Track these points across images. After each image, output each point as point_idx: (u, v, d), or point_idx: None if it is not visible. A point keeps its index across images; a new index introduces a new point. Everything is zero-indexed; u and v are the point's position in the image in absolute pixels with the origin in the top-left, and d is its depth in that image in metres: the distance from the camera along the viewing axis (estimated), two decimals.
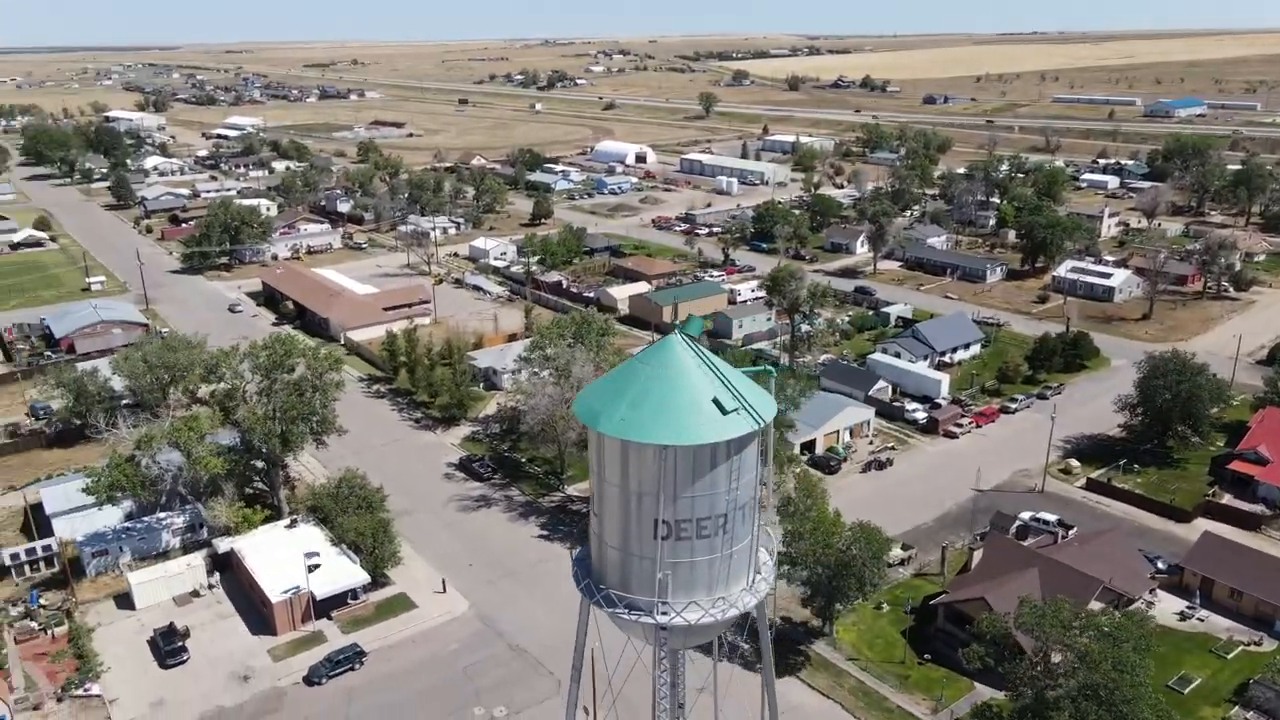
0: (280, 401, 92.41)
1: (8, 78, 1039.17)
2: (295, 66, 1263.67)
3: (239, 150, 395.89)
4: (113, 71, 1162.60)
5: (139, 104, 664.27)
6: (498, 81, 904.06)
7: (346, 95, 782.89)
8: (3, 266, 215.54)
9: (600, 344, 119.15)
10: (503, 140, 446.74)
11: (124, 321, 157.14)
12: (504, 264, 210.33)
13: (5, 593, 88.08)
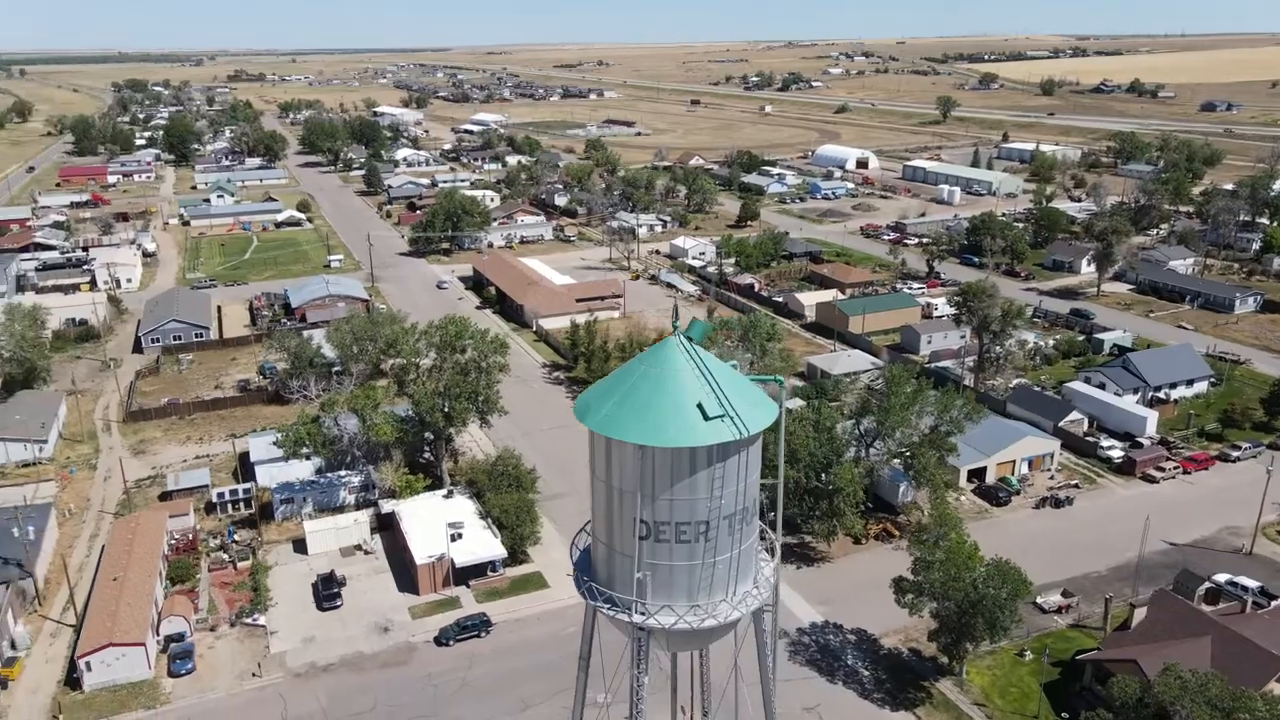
0: (448, 379, 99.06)
1: (304, 75, 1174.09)
2: (546, 67, 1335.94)
3: (479, 144, 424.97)
4: (388, 71, 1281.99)
5: (404, 100, 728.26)
6: (733, 83, 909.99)
7: (586, 95, 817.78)
8: (266, 242, 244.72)
9: (765, 348, 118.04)
10: (727, 141, 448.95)
11: (348, 296, 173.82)
12: (701, 263, 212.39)
13: (210, 525, 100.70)
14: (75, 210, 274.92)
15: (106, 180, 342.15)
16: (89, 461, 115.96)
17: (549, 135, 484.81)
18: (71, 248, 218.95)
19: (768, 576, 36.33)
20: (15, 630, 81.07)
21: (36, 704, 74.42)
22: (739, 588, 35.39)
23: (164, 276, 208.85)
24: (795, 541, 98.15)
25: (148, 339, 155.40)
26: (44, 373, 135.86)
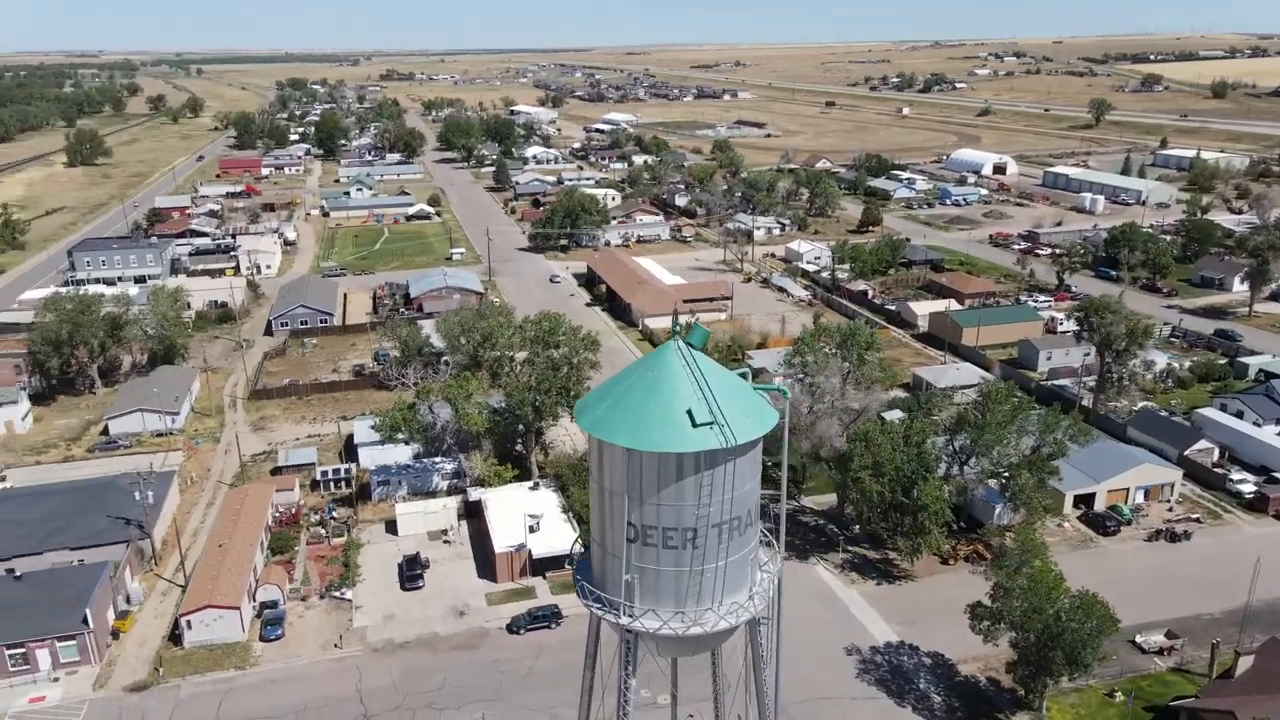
0: (538, 374, 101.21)
1: (450, 75, 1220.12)
2: (683, 67, 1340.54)
3: (607, 144, 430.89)
4: (529, 70, 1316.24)
5: (540, 100, 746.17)
6: (870, 84, 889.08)
7: (720, 95, 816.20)
8: (395, 234, 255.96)
9: (863, 357, 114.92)
10: (859, 144, 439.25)
11: (464, 289, 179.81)
12: (815, 268, 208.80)
13: (313, 501, 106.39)
14: (229, 200, 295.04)
15: (260, 172, 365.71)
16: (214, 435, 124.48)
17: (678, 135, 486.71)
18: (221, 235, 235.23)
19: (765, 589, 35.55)
20: (131, 586, 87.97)
21: (143, 655, 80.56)
22: (729, 598, 34.84)
23: (301, 264, 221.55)
24: (878, 557, 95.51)
25: (277, 323, 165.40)
26: (183, 350, 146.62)
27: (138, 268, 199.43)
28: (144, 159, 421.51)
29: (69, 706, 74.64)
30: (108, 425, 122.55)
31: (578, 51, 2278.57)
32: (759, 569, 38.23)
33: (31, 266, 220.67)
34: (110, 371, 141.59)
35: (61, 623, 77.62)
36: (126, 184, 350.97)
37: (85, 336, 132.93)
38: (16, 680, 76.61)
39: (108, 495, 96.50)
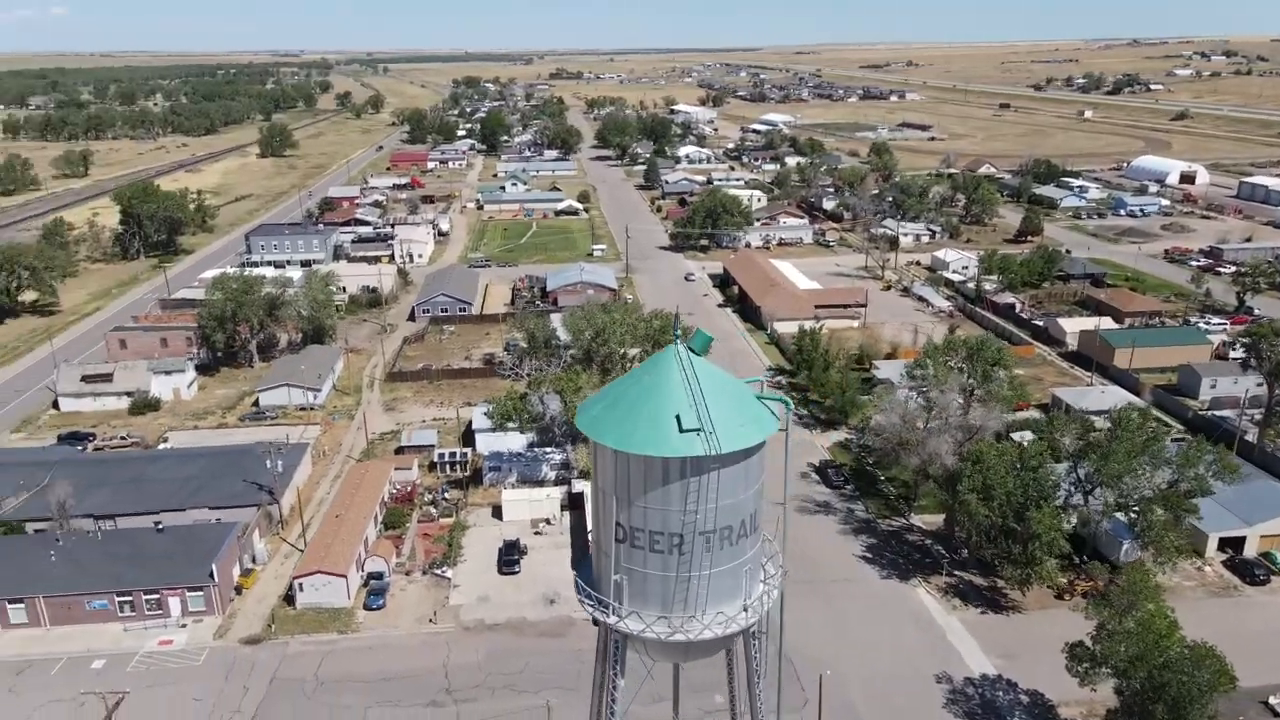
0: None
1: (616, 74, 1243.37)
2: (852, 67, 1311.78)
3: (761, 144, 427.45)
4: (694, 70, 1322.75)
5: (701, 99, 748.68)
6: (1054, 85, 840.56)
7: (886, 96, 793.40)
8: (543, 228, 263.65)
9: (989, 374, 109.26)
10: (1031, 148, 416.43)
11: (598, 284, 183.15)
12: (960, 278, 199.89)
13: (429, 481, 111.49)
14: (394, 191, 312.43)
15: (426, 166, 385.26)
16: (349, 412, 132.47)
17: (836, 137, 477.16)
18: (382, 225, 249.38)
19: (761, 603, 34.66)
20: (257, 547, 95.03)
21: (259, 611, 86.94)
22: (718, 608, 34.23)
23: (451, 254, 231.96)
24: (985, 584, 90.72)
25: (420, 309, 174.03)
26: (331, 331, 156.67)
27: (304, 252, 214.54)
28: (325, 151, 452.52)
29: (191, 651, 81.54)
30: (258, 397, 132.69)
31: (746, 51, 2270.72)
32: (761, 582, 37.21)
33: (218, 248, 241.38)
34: (268, 347, 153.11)
35: (191, 574, 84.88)
36: (307, 174, 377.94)
37: (246, 314, 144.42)
38: (150, 624, 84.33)
39: (245, 461, 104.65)
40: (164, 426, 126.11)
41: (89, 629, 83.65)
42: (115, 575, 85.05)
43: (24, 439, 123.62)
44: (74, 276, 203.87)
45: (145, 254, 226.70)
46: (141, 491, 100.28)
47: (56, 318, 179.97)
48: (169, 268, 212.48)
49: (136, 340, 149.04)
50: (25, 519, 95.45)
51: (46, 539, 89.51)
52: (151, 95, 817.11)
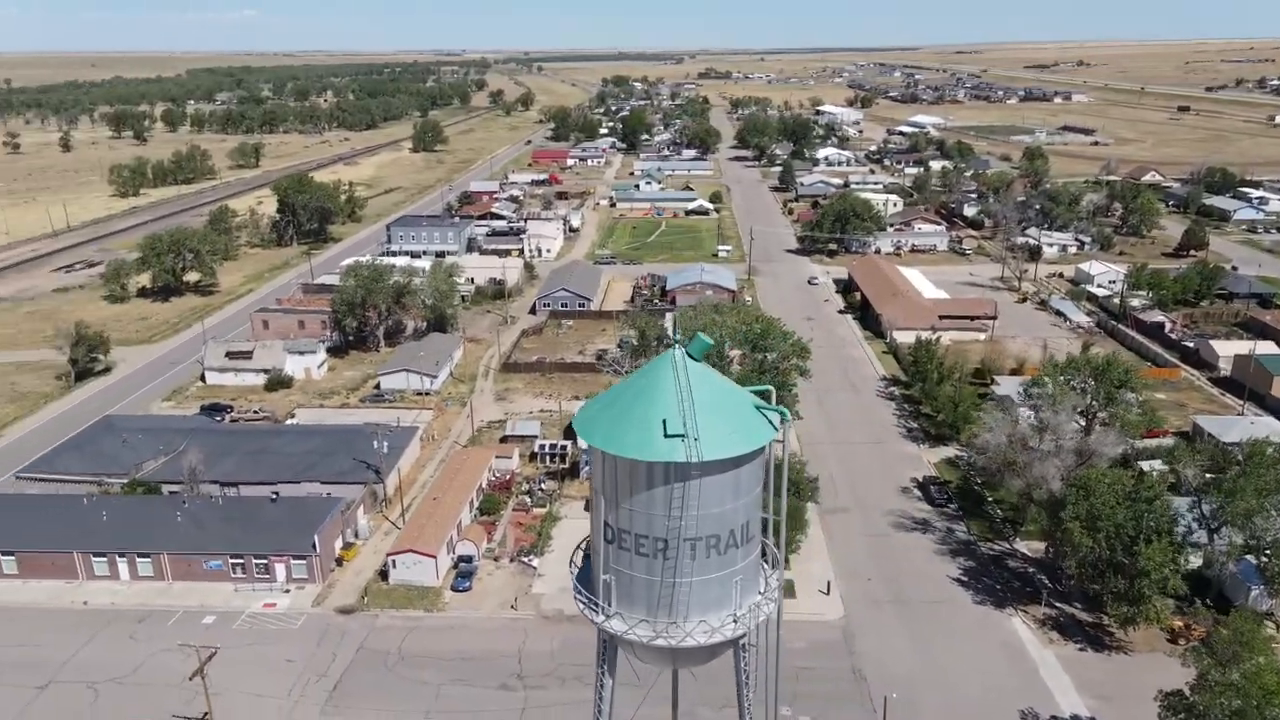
0: (738, 376, 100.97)
1: (765, 74, 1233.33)
2: (1015, 67, 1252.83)
3: (905, 147, 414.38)
4: (845, 70, 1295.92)
5: (849, 100, 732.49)
6: (1244, 87, 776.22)
7: (1050, 98, 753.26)
8: (672, 227, 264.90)
9: (1114, 395, 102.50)
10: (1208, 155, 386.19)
11: (718, 285, 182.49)
12: (1106, 293, 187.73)
13: (528, 471, 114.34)
14: (532, 187, 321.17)
15: (566, 163, 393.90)
16: (462, 399, 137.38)
17: (989, 140, 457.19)
18: (515, 219, 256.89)
19: (753, 615, 33.79)
20: (360, 523, 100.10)
21: (356, 584, 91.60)
22: (704, 616, 33.63)
23: (578, 250, 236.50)
24: (1090, 620, 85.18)
25: (541, 303, 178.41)
26: (453, 320, 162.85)
27: (440, 244, 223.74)
28: (473, 147, 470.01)
29: (291, 616, 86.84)
30: (379, 381, 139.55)
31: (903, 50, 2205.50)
32: (759, 594, 36.37)
33: (363, 236, 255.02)
34: (395, 334, 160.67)
35: (296, 544, 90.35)
36: (454, 169, 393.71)
37: (375, 301, 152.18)
38: (258, 586, 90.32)
39: (357, 441, 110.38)
40: (293, 403, 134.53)
41: (204, 586, 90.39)
42: (231, 539, 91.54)
43: (172, 408, 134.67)
44: (233, 260, 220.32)
45: (298, 241, 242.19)
46: (263, 463, 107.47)
47: (214, 297, 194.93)
48: (316, 254, 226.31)
49: (277, 321, 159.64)
50: (162, 481, 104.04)
51: (175, 501, 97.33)
52: (323, 92, 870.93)
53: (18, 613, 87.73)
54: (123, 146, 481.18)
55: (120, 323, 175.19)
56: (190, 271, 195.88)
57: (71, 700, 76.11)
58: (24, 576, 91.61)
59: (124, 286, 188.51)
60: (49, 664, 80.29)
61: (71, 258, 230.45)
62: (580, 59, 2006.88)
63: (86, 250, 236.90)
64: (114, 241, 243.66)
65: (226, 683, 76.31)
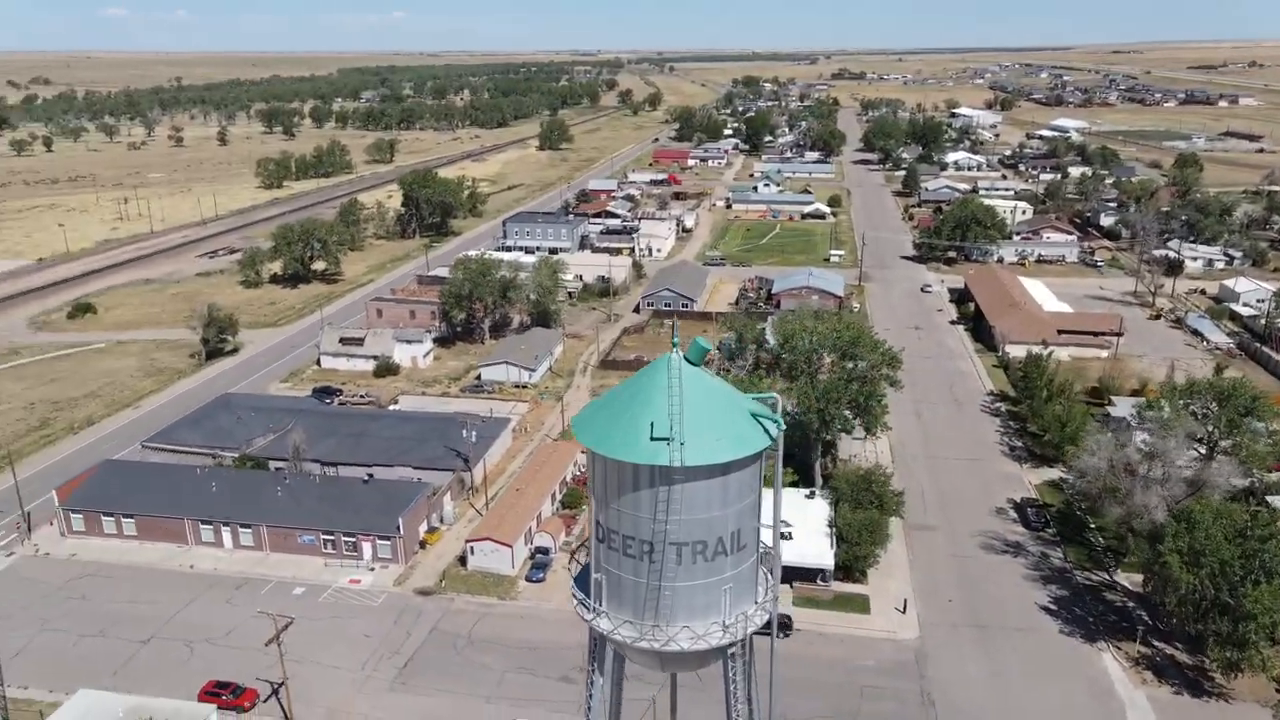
0: (825, 383, 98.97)
1: (901, 75, 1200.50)
2: (1178, 67, 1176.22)
3: (1042, 152, 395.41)
4: (987, 71, 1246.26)
5: (988, 102, 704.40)
6: None
7: (1213, 101, 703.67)
8: (786, 230, 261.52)
9: (1238, 423, 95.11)
10: None
11: (824, 290, 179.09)
12: (1253, 312, 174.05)
13: None
14: (650, 187, 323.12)
15: (686, 163, 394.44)
16: (558, 394, 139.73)
17: (1138, 146, 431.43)
18: (629, 218, 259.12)
19: (743, 624, 33.01)
20: (446, 509, 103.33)
21: (436, 567, 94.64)
22: (690, 621, 33.11)
23: (689, 250, 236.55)
24: (1190, 662, 79.42)
25: (644, 302, 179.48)
26: (556, 316, 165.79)
27: (553, 240, 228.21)
28: (597, 146, 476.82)
29: (372, 593, 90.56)
30: (480, 372, 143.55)
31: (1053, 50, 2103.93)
32: (754, 603, 35.62)
33: (482, 231, 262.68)
34: (500, 327, 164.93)
35: (382, 525, 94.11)
36: (576, 167, 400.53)
37: (481, 294, 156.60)
38: (346, 563, 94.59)
39: (450, 430, 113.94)
40: (398, 390, 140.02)
41: (298, 559, 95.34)
42: (324, 516, 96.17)
43: (288, 389, 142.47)
44: (359, 250, 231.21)
45: (420, 233, 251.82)
46: (361, 445, 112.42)
47: (338, 285, 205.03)
48: (436, 247, 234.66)
49: (390, 310, 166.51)
50: (269, 457, 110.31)
51: (278, 477, 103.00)
52: (460, 91, 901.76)
53: (133, 571, 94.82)
54: (273, 141, 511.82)
55: (252, 306, 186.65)
56: (317, 260, 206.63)
57: (169, 655, 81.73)
58: (141, 538, 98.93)
59: (257, 273, 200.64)
60: (153, 621, 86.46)
61: (215, 244, 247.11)
62: (713, 59, 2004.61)
63: (229, 238, 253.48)
64: (254, 230, 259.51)
65: (306, 652, 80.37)
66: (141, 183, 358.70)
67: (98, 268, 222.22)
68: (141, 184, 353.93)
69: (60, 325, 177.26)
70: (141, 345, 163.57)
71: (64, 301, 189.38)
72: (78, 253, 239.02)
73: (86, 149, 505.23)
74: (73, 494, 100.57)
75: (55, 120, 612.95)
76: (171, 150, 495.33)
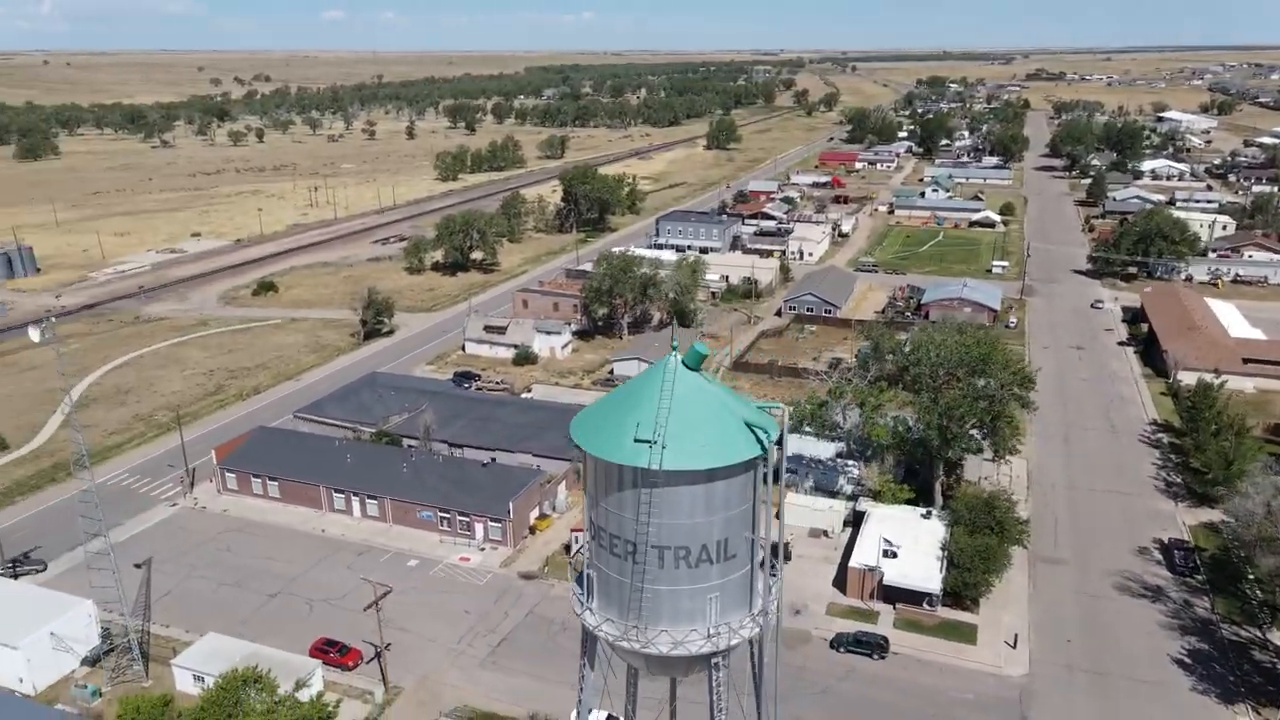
0: (948, 400, 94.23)
1: (1105, 75, 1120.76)
2: None
3: (1259, 161, 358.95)
4: (1208, 71, 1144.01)
5: (1204, 105, 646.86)
6: None
7: None
8: (950, 238, 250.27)
9: None
10: None
11: (977, 303, 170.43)
12: None
13: None
14: (811, 189, 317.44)
15: (853, 166, 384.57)
16: None
17: None
18: (784, 220, 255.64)
19: (724, 635, 31.82)
20: (560, 497, 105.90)
21: (542, 553, 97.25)
22: (671, 626, 32.33)
23: (843, 256, 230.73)
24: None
25: (786, 306, 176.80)
26: (695, 315, 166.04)
27: (704, 240, 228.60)
28: (765, 146, 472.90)
29: (479, 572, 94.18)
30: (613, 366, 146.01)
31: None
32: (746, 616, 34.49)
33: (638, 228, 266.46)
34: (640, 324, 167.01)
35: (494, 507, 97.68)
36: (741, 167, 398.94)
37: (622, 290, 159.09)
38: (459, 541, 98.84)
39: (569, 419, 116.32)
40: (533, 379, 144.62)
41: (416, 533, 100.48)
42: (444, 494, 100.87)
43: (433, 371, 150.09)
44: (517, 243, 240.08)
45: (577, 228, 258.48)
46: (486, 429, 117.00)
47: (494, 275, 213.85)
48: (591, 242, 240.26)
49: (535, 301, 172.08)
50: (402, 435, 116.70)
51: (406, 454, 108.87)
52: (637, 90, 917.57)
53: (273, 530, 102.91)
54: (456, 136, 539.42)
55: (412, 291, 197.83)
56: (475, 250, 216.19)
57: (291, 610, 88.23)
58: (284, 501, 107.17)
59: (420, 260, 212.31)
60: (283, 577, 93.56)
61: (388, 232, 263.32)
62: (899, 59, 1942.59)
63: (401, 226, 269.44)
64: (425, 220, 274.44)
65: (409, 621, 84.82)
66: (334, 172, 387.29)
67: (284, 249, 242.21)
68: (334, 174, 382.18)
69: (245, 301, 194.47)
70: (311, 323, 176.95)
71: (252, 279, 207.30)
72: (270, 235, 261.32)
73: (292, 141, 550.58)
74: (229, 455, 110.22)
75: (269, 114, 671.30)
76: (364, 143, 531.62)
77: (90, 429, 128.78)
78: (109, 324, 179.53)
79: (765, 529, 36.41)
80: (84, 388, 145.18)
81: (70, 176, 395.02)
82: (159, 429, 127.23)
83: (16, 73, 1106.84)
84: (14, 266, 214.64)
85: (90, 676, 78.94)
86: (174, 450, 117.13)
